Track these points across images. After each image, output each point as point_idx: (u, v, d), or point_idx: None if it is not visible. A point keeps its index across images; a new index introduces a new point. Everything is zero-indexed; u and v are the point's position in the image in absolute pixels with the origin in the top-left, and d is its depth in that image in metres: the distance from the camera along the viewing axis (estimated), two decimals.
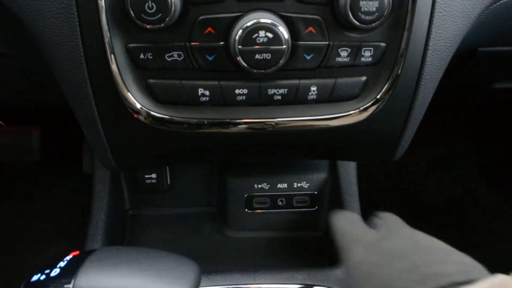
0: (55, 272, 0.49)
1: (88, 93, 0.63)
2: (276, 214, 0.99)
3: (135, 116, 0.64)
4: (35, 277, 0.49)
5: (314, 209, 0.99)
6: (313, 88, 0.64)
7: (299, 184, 0.97)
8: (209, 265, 0.82)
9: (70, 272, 0.48)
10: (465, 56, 0.92)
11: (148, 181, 0.99)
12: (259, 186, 0.97)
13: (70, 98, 0.66)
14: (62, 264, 0.50)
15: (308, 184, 0.97)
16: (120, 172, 0.99)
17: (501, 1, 0.71)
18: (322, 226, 0.99)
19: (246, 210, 0.98)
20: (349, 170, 0.97)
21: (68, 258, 0.51)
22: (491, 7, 0.71)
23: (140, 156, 0.76)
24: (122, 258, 0.51)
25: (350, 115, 0.66)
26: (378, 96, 0.65)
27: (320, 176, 0.97)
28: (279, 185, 0.97)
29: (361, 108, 0.66)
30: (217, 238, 0.98)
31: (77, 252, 0.52)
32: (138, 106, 0.63)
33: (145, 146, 0.72)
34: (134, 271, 0.50)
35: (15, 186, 1.75)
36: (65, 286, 0.47)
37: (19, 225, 1.61)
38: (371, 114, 0.66)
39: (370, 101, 0.65)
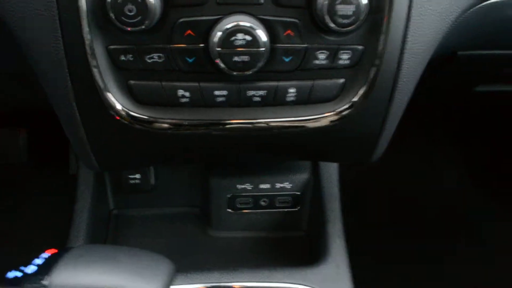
0: (31, 269, 0.50)
1: (69, 94, 0.64)
2: (259, 214, 1.00)
3: (116, 117, 0.65)
4: (10, 274, 0.50)
5: (297, 209, 1.00)
6: (292, 90, 0.65)
7: (281, 185, 0.98)
8: (190, 264, 0.83)
9: (46, 269, 0.49)
10: (446, 60, 0.93)
11: (132, 181, 0.99)
12: (242, 186, 0.98)
13: (52, 99, 0.67)
14: (38, 261, 0.51)
15: (290, 185, 0.98)
16: (103, 172, 0.99)
17: (477, 7, 0.73)
18: (304, 226, 1.00)
19: (229, 210, 0.99)
20: (331, 171, 0.99)
21: (44, 255, 0.52)
22: (468, 12, 0.72)
23: (122, 156, 0.77)
24: (98, 256, 0.52)
25: (328, 117, 0.68)
26: (355, 98, 0.67)
27: (302, 177, 0.99)
28: (261, 186, 0.98)
29: (339, 110, 0.67)
30: (200, 238, 0.99)
31: (54, 250, 0.53)
32: (119, 107, 0.64)
33: (127, 147, 0.73)
34: (109, 268, 0.50)
35: (1, 187, 1.75)
36: (41, 282, 0.48)
37: (3, 226, 1.61)
38: (349, 116, 0.68)
39: (348, 103, 0.67)
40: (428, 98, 1.50)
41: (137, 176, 0.99)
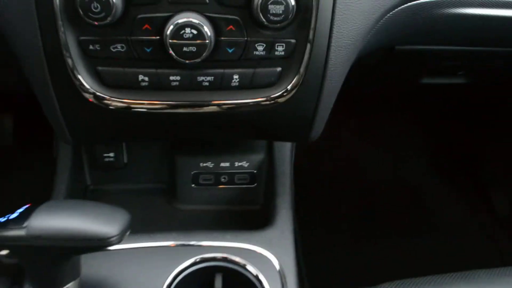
0: (13, 216, 0.62)
1: (46, 77, 0.75)
2: (220, 189, 1.10)
3: (86, 98, 0.76)
4: None
5: (253, 185, 1.11)
6: (236, 76, 0.77)
7: (240, 164, 1.09)
8: (154, 229, 0.95)
9: (26, 215, 0.61)
10: (386, 53, 1.05)
11: (106, 159, 1.10)
12: (205, 164, 1.09)
13: (32, 82, 0.78)
14: (19, 210, 0.62)
15: (248, 164, 1.09)
16: (80, 150, 1.10)
17: (404, 6, 0.84)
18: (260, 201, 1.11)
19: (193, 186, 1.10)
20: (284, 151, 1.10)
21: (25, 207, 0.64)
22: (395, 11, 0.84)
23: (92, 132, 0.88)
24: (68, 207, 0.64)
25: (268, 100, 0.79)
26: (290, 84, 0.78)
27: (258, 156, 1.10)
28: (222, 164, 1.08)
29: (277, 94, 0.79)
30: (167, 210, 1.10)
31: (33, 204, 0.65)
32: (88, 88, 0.75)
33: (96, 123, 0.84)
34: (76, 215, 0.62)
35: None
36: (22, 225, 0.60)
37: None
38: (286, 100, 0.79)
39: (285, 88, 0.78)
40: (381, 89, 1.61)
41: (111, 154, 1.10)
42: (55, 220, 0.61)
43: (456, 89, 1.73)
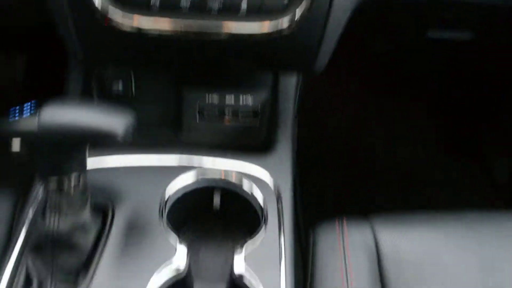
0: (26, 107, 0.66)
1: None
2: (224, 124, 1.13)
3: (100, 19, 0.80)
4: (12, 109, 0.66)
5: (256, 122, 1.14)
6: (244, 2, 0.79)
7: (244, 99, 1.12)
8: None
9: (38, 107, 0.65)
10: (385, 5, 1.07)
11: (115, 90, 1.13)
12: (210, 99, 1.12)
13: (51, 6, 0.81)
14: (29, 105, 0.66)
15: (252, 100, 1.12)
16: (90, 80, 1.13)
17: None
18: (262, 137, 1.14)
19: (198, 119, 1.13)
20: (288, 89, 1.13)
21: (33, 102, 0.68)
22: None
23: (104, 52, 0.91)
24: (76, 104, 0.69)
25: (276, 26, 0.82)
26: (298, 11, 0.81)
27: (263, 94, 1.12)
28: (227, 98, 1.11)
29: (285, 20, 0.82)
30: (172, 140, 1.14)
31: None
32: (101, 7, 0.78)
33: (109, 43, 0.87)
34: (85, 110, 0.67)
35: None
36: (35, 115, 0.64)
37: None
38: (293, 26, 0.82)
39: (292, 13, 0.81)
40: (389, 44, 1.63)
41: (120, 86, 1.13)
42: (65, 114, 0.65)
43: (462, 52, 1.74)
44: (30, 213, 0.87)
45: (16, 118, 0.65)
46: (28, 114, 0.65)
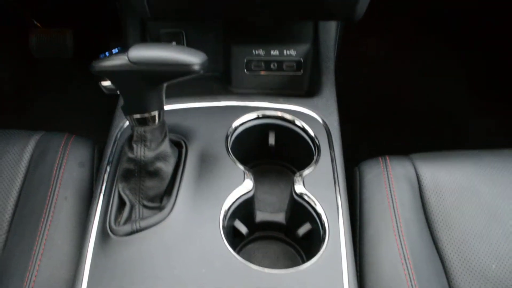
0: (114, 50, 0.76)
1: None
2: (270, 76, 1.21)
3: None
4: (102, 54, 0.76)
5: (300, 72, 1.22)
6: None
7: (288, 52, 1.20)
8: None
9: (124, 50, 0.75)
10: None
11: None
12: (256, 52, 1.20)
13: None
14: (116, 50, 0.76)
15: (295, 52, 1.20)
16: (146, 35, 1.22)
17: None
18: (305, 87, 1.22)
19: (246, 71, 1.21)
20: (328, 41, 1.21)
21: (119, 48, 0.78)
22: None
23: (166, 5, 1.00)
24: (157, 44, 0.78)
25: None
26: None
27: (305, 46, 1.20)
28: (272, 52, 1.19)
29: None
30: (223, 93, 1.23)
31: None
32: None
33: None
34: (166, 48, 0.76)
35: (51, 80, 2.02)
36: (125, 53, 0.74)
37: (58, 107, 1.88)
38: None
39: None
40: None
41: (174, 43, 1.22)
42: (151, 50, 0.75)
43: None
44: (115, 147, 0.99)
45: (107, 55, 0.75)
46: (118, 53, 0.75)
